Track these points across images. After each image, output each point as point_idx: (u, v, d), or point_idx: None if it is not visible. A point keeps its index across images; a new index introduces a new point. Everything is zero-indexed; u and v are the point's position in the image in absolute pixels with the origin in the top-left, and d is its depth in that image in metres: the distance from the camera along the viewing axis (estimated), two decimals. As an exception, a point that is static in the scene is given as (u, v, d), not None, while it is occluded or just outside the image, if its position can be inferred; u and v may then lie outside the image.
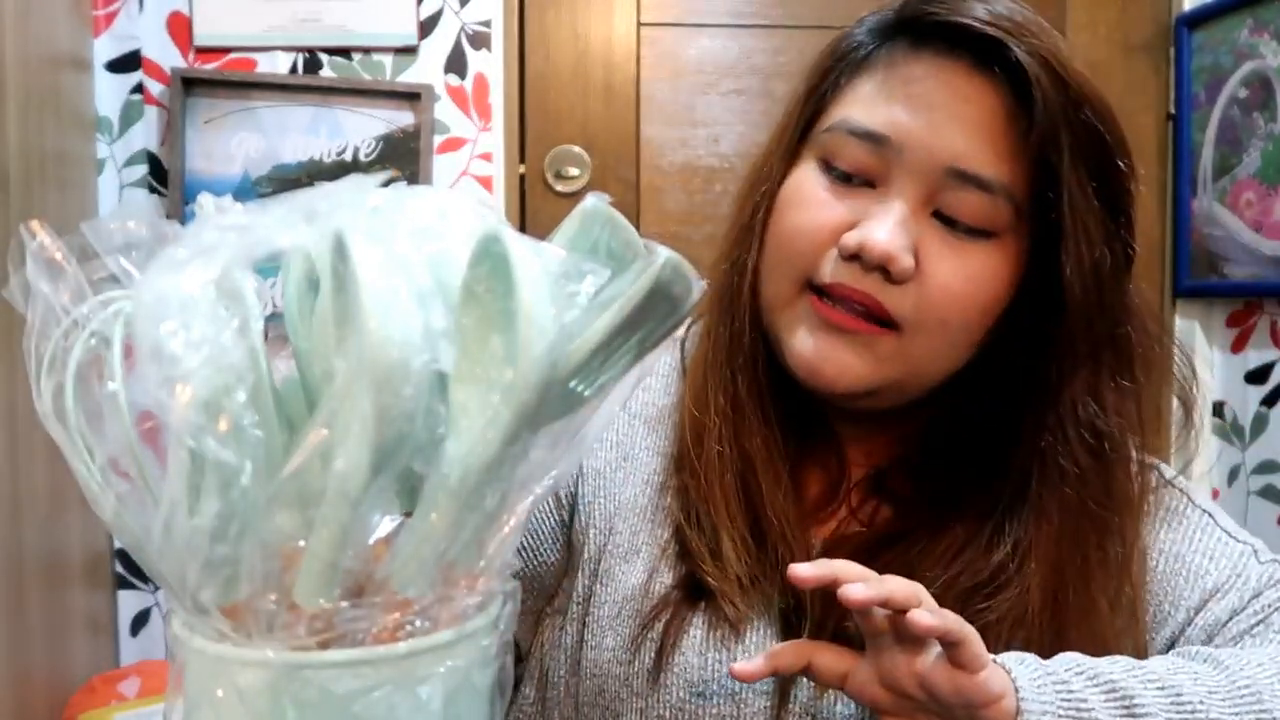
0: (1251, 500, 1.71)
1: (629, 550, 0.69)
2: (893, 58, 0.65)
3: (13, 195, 1.27)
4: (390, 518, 0.39)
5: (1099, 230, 0.62)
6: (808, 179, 0.66)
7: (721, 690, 0.63)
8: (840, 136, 0.64)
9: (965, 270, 0.62)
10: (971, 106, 0.61)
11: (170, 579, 0.38)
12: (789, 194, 0.66)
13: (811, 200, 0.65)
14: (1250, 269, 1.65)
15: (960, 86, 0.62)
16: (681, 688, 0.63)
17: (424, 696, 0.37)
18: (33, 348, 0.39)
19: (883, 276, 0.61)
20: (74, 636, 1.48)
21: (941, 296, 0.62)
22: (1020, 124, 0.61)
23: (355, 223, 0.36)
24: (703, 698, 0.63)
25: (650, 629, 0.65)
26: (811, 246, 0.63)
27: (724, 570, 0.64)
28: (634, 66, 1.73)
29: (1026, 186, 0.62)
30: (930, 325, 0.62)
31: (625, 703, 0.65)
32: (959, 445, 0.67)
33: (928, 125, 0.61)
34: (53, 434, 0.39)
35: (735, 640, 0.64)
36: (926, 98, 0.62)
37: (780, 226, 0.66)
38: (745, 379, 0.67)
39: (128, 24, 1.61)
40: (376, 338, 0.34)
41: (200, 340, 0.33)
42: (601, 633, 0.67)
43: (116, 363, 0.37)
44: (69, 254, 0.39)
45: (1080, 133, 0.61)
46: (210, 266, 0.34)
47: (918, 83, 0.63)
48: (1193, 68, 1.75)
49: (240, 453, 0.35)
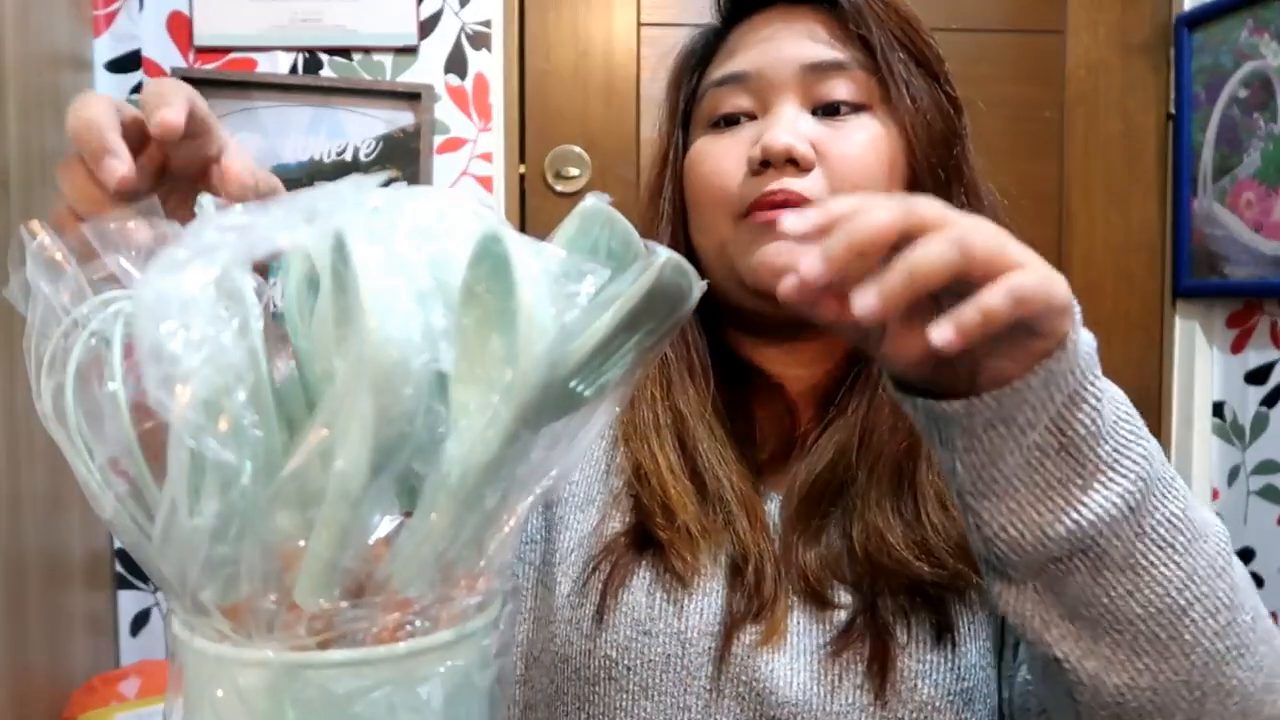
0: (1251, 500, 1.71)
1: (584, 500, 0.73)
2: (727, 38, 0.77)
3: (13, 195, 1.27)
4: (390, 518, 0.39)
5: (923, 85, 0.72)
6: (700, 142, 0.75)
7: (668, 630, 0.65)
8: (711, 93, 0.74)
9: (857, 140, 0.70)
10: (797, 24, 0.73)
11: (170, 579, 0.37)
12: (691, 161, 0.75)
13: (711, 150, 0.73)
14: (1250, 269, 1.65)
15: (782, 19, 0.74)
16: (628, 626, 0.66)
17: (424, 696, 0.37)
18: (33, 348, 0.39)
19: (795, 172, 0.68)
20: (74, 636, 1.48)
21: (846, 166, 0.69)
22: (839, 26, 0.72)
23: (355, 223, 0.36)
24: (648, 635, 0.65)
25: (599, 571, 0.68)
26: (726, 180, 0.71)
27: (673, 523, 0.67)
28: (634, 66, 1.73)
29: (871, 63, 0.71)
30: (848, 191, 0.68)
31: (574, 645, 0.67)
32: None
33: (771, 48, 0.72)
34: (53, 434, 0.39)
35: (683, 589, 0.66)
36: (761, 34, 0.73)
37: (694, 183, 0.74)
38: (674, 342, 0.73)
39: (128, 24, 1.61)
40: (376, 337, 0.34)
41: (200, 340, 0.33)
42: (554, 580, 0.70)
43: (116, 363, 0.37)
44: (69, 254, 0.39)
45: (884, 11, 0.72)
46: (210, 266, 0.34)
47: (751, 33, 0.74)
48: (1193, 68, 1.75)
49: (240, 453, 0.35)
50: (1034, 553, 0.49)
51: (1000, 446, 0.48)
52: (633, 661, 0.65)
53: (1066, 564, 0.50)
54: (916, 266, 0.42)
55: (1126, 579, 0.49)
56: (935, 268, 0.42)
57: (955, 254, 0.42)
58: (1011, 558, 0.50)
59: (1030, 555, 0.49)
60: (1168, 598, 0.50)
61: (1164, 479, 0.50)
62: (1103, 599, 0.50)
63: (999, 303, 0.42)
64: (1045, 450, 0.48)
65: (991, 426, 0.47)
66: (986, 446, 0.48)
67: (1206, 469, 1.79)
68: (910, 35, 0.73)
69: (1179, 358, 1.82)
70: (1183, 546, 0.50)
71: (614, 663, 0.65)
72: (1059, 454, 0.48)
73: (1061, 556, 0.49)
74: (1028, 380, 0.46)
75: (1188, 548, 0.50)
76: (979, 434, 0.48)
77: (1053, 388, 0.46)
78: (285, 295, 0.41)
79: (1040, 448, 0.47)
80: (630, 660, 0.65)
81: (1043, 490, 0.48)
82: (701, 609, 0.66)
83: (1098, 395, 0.48)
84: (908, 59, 0.72)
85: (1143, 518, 0.49)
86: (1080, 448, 0.47)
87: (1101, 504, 0.48)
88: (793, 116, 0.70)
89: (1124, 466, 0.48)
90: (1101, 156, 1.80)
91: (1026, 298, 0.43)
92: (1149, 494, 0.49)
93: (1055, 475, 0.48)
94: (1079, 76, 1.78)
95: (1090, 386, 0.48)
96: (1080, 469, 0.48)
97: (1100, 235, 1.80)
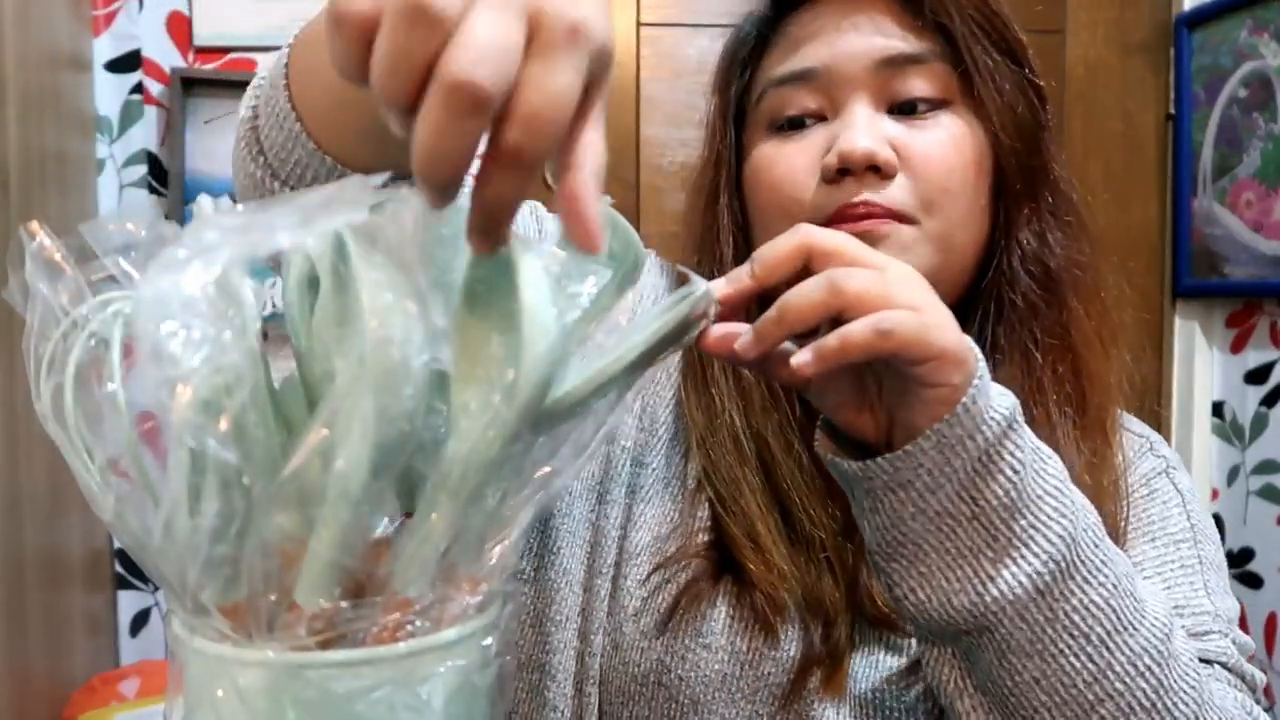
0: (1251, 500, 1.71)
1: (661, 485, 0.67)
2: (784, 28, 0.69)
3: (13, 195, 1.27)
4: (390, 517, 0.39)
5: (1011, 77, 0.66)
6: (763, 147, 0.68)
7: (729, 648, 0.61)
8: (772, 94, 0.67)
9: (939, 138, 0.64)
10: (865, 14, 0.66)
11: (170, 579, 0.37)
12: (754, 167, 0.68)
13: (778, 156, 0.66)
14: (1250, 269, 1.65)
15: (850, 7, 0.66)
16: (690, 636, 0.61)
17: (425, 696, 0.37)
18: (32, 349, 0.39)
19: (875, 180, 0.62)
20: (74, 636, 1.48)
21: (931, 168, 0.63)
22: (912, 14, 0.65)
23: (355, 222, 0.36)
24: (708, 650, 0.61)
25: (672, 582, 0.63)
26: (797, 190, 0.65)
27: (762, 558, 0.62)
28: (634, 66, 1.73)
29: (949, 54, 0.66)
30: (937, 198, 0.63)
31: (627, 638, 0.63)
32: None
33: (840, 41, 0.65)
34: (52, 435, 0.39)
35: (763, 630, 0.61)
36: (828, 27, 0.66)
37: (759, 192, 0.67)
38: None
39: (127, 24, 1.61)
40: (377, 337, 0.34)
41: (200, 340, 0.33)
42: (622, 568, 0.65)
43: (116, 363, 0.37)
44: (68, 255, 0.39)
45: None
46: (210, 266, 0.34)
47: (813, 23, 0.67)
48: (1193, 68, 1.75)
49: (240, 452, 0.35)
50: (942, 620, 0.47)
51: (900, 510, 0.47)
52: (687, 673, 0.61)
53: (976, 638, 0.48)
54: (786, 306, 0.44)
55: (1034, 665, 0.47)
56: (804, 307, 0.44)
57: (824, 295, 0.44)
58: (920, 622, 0.49)
59: (939, 623, 0.48)
60: (1074, 689, 0.47)
61: (1090, 562, 0.47)
62: (1007, 681, 0.47)
63: (859, 331, 0.43)
64: (957, 518, 0.46)
65: (890, 490, 0.46)
66: (888, 509, 0.47)
67: (1206, 469, 1.79)
68: (991, 19, 0.66)
69: (1179, 358, 1.82)
70: (1099, 639, 0.47)
71: (667, 669, 0.61)
72: (971, 523, 0.46)
73: (972, 630, 0.47)
74: (920, 444, 0.45)
75: (1105, 640, 0.47)
76: (880, 495, 0.47)
77: (949, 453, 0.45)
78: (285, 295, 0.41)
79: (951, 515, 0.46)
80: (685, 671, 0.61)
81: (954, 558, 0.46)
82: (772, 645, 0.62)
83: (1017, 465, 0.46)
84: (990, 46, 0.65)
85: (1055, 602, 0.46)
86: (992, 519, 0.46)
87: (1009, 582, 0.46)
88: (869, 118, 0.64)
89: (1038, 545, 0.46)
90: (1101, 156, 1.80)
91: (894, 332, 0.43)
92: (1065, 577, 0.47)
93: (966, 544, 0.46)
94: (1078, 76, 1.78)
95: (1007, 456, 0.46)
96: (992, 541, 0.46)
97: (1100, 235, 1.80)
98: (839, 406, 0.49)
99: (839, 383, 0.48)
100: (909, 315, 0.44)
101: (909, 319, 0.44)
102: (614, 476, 0.68)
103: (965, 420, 0.45)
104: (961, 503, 0.46)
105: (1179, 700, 0.49)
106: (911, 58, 0.64)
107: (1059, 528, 0.47)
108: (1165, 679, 0.48)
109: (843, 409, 0.49)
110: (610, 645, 0.64)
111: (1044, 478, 0.48)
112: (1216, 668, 0.59)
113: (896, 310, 0.44)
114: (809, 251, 0.46)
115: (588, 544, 0.66)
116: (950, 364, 0.44)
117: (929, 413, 0.45)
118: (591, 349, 0.44)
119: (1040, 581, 0.46)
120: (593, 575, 0.66)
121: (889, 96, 0.65)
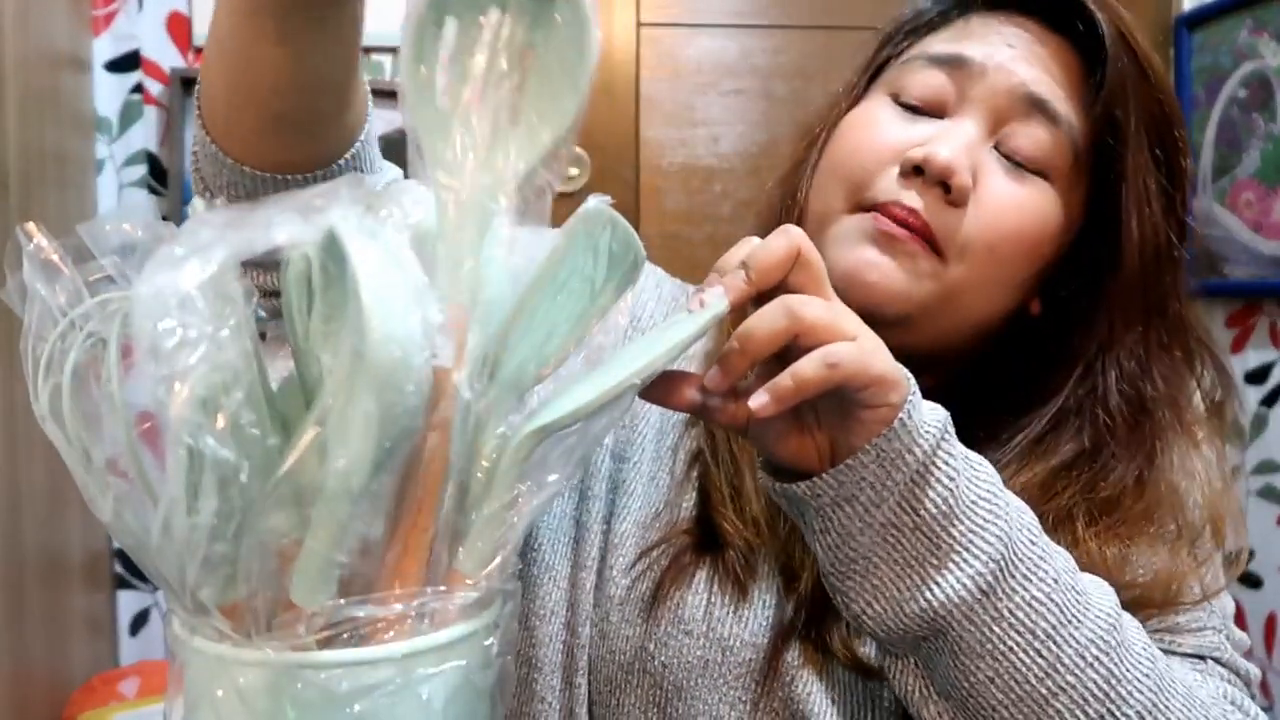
0: (1251, 500, 1.71)
1: (648, 477, 0.68)
2: (968, 18, 0.67)
3: (13, 195, 1.27)
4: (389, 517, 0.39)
5: (1159, 195, 0.63)
6: (874, 107, 0.66)
7: (710, 634, 0.62)
8: (918, 64, 0.65)
9: (1019, 200, 0.62)
10: (1047, 50, 0.63)
11: (170, 578, 0.37)
12: (853, 119, 0.66)
13: (876, 121, 0.65)
14: (1250, 269, 1.65)
15: (1036, 35, 0.64)
16: (670, 622, 0.63)
17: (425, 696, 0.37)
18: (29, 349, 0.39)
19: (940, 196, 0.61)
20: (74, 636, 1.48)
21: (992, 221, 0.61)
22: (1088, 83, 0.63)
23: (350, 221, 0.36)
24: (689, 636, 0.62)
25: (656, 565, 0.64)
26: (872, 162, 0.63)
27: (742, 513, 0.63)
28: (634, 66, 1.73)
29: (1088, 139, 0.63)
30: (977, 252, 0.61)
31: (612, 625, 0.63)
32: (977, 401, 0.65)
33: (1007, 56, 0.63)
34: (50, 436, 0.38)
35: (740, 596, 0.63)
36: (1004, 38, 0.64)
37: (840, 146, 0.66)
38: None
39: (127, 24, 1.61)
40: (378, 336, 0.33)
41: (198, 338, 0.33)
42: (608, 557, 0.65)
43: (113, 363, 0.37)
44: (65, 256, 0.39)
45: (1146, 99, 0.63)
46: (207, 264, 0.34)
47: (994, 30, 0.65)
48: (1193, 68, 1.75)
49: (238, 450, 0.35)
50: (898, 630, 0.49)
51: (849, 525, 0.49)
52: (670, 659, 0.62)
53: (933, 643, 0.49)
54: (749, 335, 0.46)
55: (986, 664, 0.49)
56: (766, 337, 0.46)
57: (786, 323, 0.46)
58: (879, 635, 0.50)
59: (896, 633, 0.49)
60: (1027, 685, 0.48)
61: (1029, 559, 0.49)
62: (964, 683, 0.49)
63: (810, 368, 0.45)
64: (900, 528, 0.48)
65: (838, 505, 0.48)
66: (837, 526, 0.49)
67: (1206, 469, 1.79)
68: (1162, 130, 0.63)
69: (1179, 358, 1.82)
70: (1044, 633, 0.48)
71: (651, 656, 0.63)
72: (914, 532, 0.48)
73: (926, 635, 0.49)
74: (860, 459, 0.47)
75: (1051, 634, 0.48)
76: (829, 513, 0.49)
77: (889, 466, 0.47)
78: (284, 295, 0.41)
79: (895, 526, 0.48)
80: (668, 658, 0.62)
81: (902, 568, 0.48)
82: (748, 618, 0.63)
83: (951, 474, 0.48)
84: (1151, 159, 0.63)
85: (999, 601, 0.48)
86: (933, 527, 0.48)
87: (954, 585, 0.48)
88: (973, 139, 0.62)
89: (977, 548, 0.48)
90: (1101, 156, 1.80)
91: (840, 363, 0.45)
92: (1005, 576, 0.48)
93: (912, 553, 0.48)
94: (1079, 76, 1.79)
95: (942, 465, 0.48)
96: (935, 549, 0.48)
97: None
98: (780, 439, 0.51)
99: (777, 418, 0.50)
100: (851, 346, 0.46)
101: (851, 349, 0.46)
102: (594, 473, 0.69)
103: (902, 435, 0.47)
104: (904, 513, 0.48)
105: (1133, 689, 0.50)
106: (1052, 113, 0.62)
107: (995, 529, 0.49)
108: (1116, 668, 0.50)
109: (783, 441, 0.51)
110: (598, 635, 0.64)
111: (976, 484, 0.50)
112: (1210, 663, 0.59)
113: (839, 344, 0.46)
114: (797, 257, 0.48)
115: (571, 540, 0.67)
116: (888, 386, 0.47)
117: (868, 432, 0.48)
118: (593, 350, 0.44)
119: (983, 581, 0.48)
120: (578, 569, 0.66)
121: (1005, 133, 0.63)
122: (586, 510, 0.67)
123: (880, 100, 0.66)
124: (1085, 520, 0.61)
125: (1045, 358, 0.66)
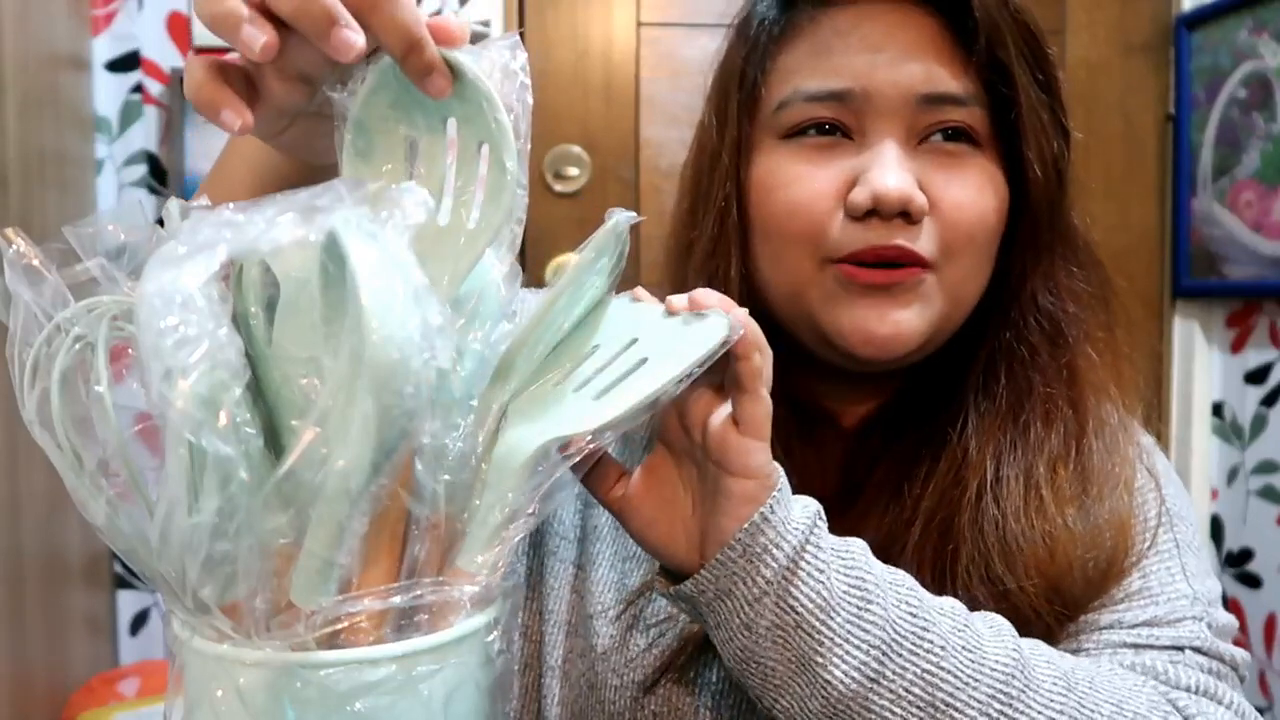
0: (1251, 500, 1.71)
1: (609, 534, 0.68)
2: (812, 19, 0.64)
3: (12, 195, 1.27)
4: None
5: (1050, 119, 0.62)
6: (779, 157, 0.63)
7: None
8: (799, 107, 0.62)
9: (969, 184, 0.61)
10: (912, 33, 0.61)
11: (169, 579, 0.37)
12: (765, 179, 0.64)
13: (796, 174, 0.62)
14: (1250, 269, 1.65)
15: (893, 20, 0.62)
16: (679, 697, 0.62)
17: (425, 695, 0.37)
18: (15, 355, 0.39)
19: (903, 223, 0.60)
20: (74, 636, 1.48)
21: (960, 216, 0.61)
22: (958, 36, 0.61)
23: (350, 221, 0.36)
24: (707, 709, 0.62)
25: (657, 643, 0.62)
26: (817, 216, 0.61)
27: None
28: (634, 66, 1.73)
29: (985, 94, 0.62)
30: (960, 247, 0.61)
31: (611, 688, 0.63)
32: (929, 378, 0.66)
33: (883, 64, 0.61)
34: (39, 440, 0.38)
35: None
36: (867, 40, 0.61)
37: (772, 210, 0.63)
38: None
39: (127, 24, 1.61)
40: (377, 337, 0.33)
41: (199, 335, 0.33)
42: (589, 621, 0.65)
43: (102, 365, 0.37)
44: (49, 259, 0.39)
45: (1016, 27, 0.61)
46: (207, 263, 0.34)
47: (851, 31, 0.62)
48: (1192, 68, 1.75)
49: (238, 448, 0.35)
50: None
51: (732, 620, 0.49)
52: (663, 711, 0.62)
53: None
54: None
55: None
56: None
57: None
58: None
59: None
60: None
61: (911, 635, 0.49)
62: None
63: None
64: (785, 629, 0.48)
65: (720, 599, 0.49)
66: (725, 623, 0.49)
67: (1206, 469, 1.79)
68: (1037, 53, 0.62)
69: (1178, 358, 1.82)
70: (943, 702, 0.49)
71: (656, 716, 0.62)
72: (796, 631, 0.48)
73: None
74: (726, 552, 0.47)
75: (950, 702, 0.49)
76: (716, 608, 0.49)
77: (757, 562, 0.47)
78: (238, 304, 0.41)
79: (781, 627, 0.48)
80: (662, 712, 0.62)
81: (795, 668, 0.48)
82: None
83: (820, 568, 0.48)
84: (1035, 85, 0.62)
85: (891, 683, 0.48)
86: (812, 623, 0.48)
87: (842, 678, 0.48)
88: (900, 157, 0.60)
89: (858, 638, 0.48)
90: (1101, 157, 1.80)
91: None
92: (890, 657, 0.48)
93: (799, 652, 0.48)
94: (1078, 76, 1.78)
95: (809, 561, 0.48)
96: (818, 646, 0.48)
97: (1099, 235, 1.80)
98: (649, 526, 0.51)
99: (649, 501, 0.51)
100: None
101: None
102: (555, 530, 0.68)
103: (764, 530, 0.47)
104: (784, 613, 0.48)
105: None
106: (953, 99, 0.61)
107: (870, 615, 0.49)
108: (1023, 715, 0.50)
109: (653, 529, 0.51)
110: (586, 685, 0.64)
111: (849, 571, 0.50)
112: (1188, 653, 0.59)
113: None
114: None
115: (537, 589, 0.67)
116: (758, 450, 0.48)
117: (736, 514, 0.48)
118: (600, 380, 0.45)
119: (869, 670, 0.48)
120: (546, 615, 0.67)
121: (922, 129, 0.62)
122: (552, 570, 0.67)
123: (779, 150, 0.63)
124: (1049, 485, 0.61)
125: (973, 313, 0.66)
